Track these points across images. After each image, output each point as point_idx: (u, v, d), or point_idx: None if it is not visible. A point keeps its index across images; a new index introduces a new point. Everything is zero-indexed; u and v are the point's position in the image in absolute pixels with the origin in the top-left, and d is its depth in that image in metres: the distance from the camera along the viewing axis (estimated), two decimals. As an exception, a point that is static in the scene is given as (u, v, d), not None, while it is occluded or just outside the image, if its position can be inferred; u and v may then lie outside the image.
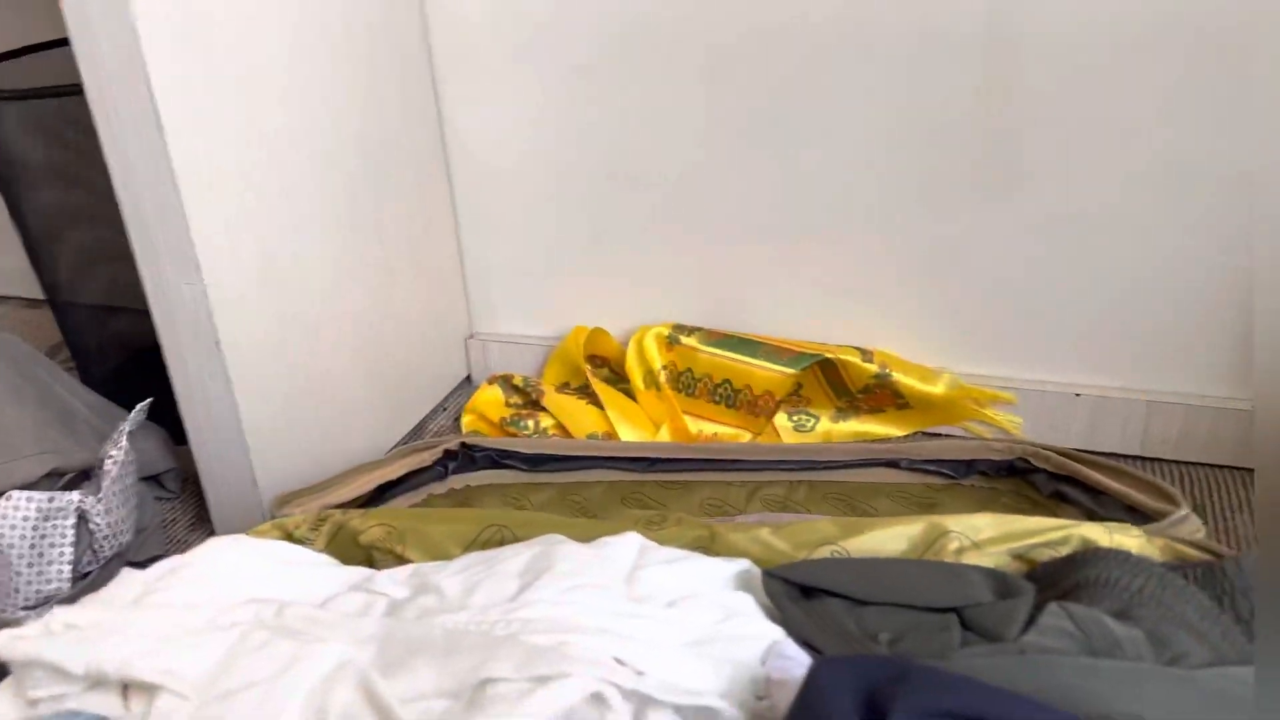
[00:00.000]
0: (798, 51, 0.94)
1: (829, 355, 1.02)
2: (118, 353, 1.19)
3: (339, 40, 0.93)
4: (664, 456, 0.99)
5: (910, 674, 0.38)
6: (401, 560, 0.61)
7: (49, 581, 0.81)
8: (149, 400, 0.89)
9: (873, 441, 1.01)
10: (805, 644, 0.46)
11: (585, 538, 0.60)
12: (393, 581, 0.51)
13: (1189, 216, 0.89)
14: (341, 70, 0.93)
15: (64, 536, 0.82)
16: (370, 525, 0.61)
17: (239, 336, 0.85)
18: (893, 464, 0.96)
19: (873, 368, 1.01)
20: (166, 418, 0.97)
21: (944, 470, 0.94)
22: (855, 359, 1.01)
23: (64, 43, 0.79)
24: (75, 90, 0.79)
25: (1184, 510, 0.63)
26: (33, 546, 0.80)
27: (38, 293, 1.21)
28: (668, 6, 0.96)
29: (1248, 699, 0.42)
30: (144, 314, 0.86)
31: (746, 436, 1.06)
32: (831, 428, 1.05)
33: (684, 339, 1.08)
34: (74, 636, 0.43)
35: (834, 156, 0.97)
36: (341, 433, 1.00)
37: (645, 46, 0.98)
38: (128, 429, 0.86)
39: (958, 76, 0.90)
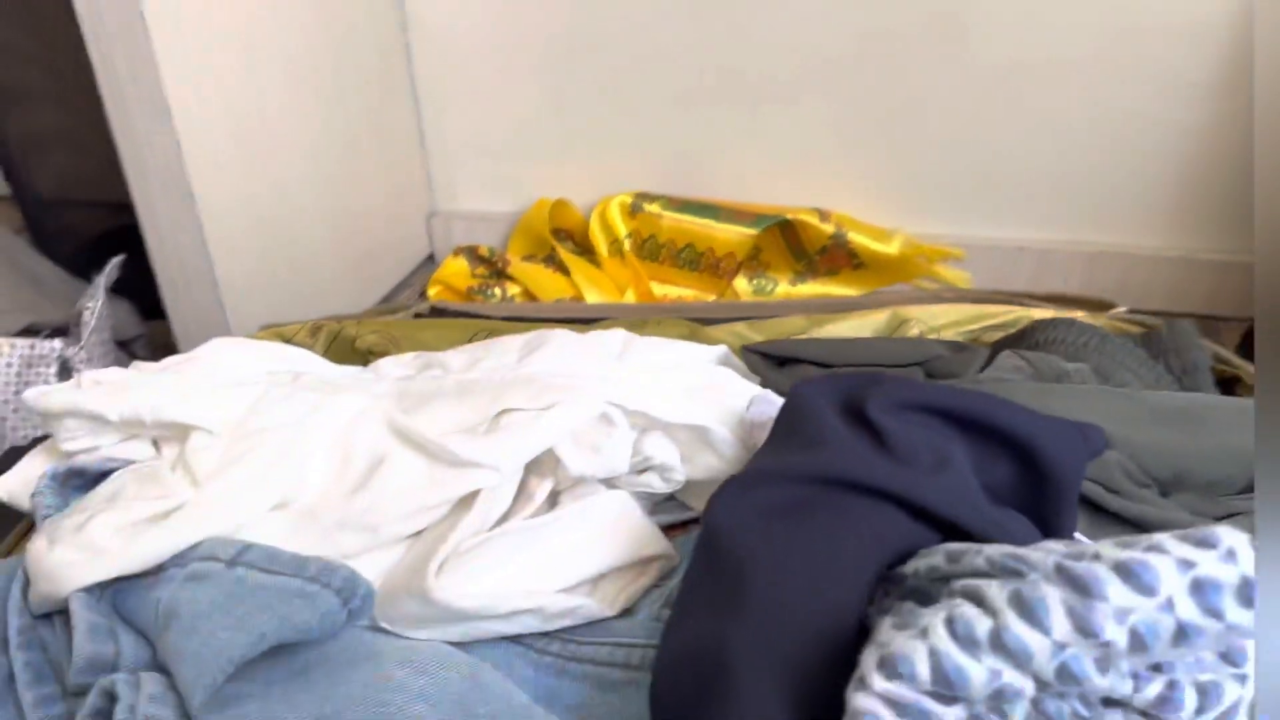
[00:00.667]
0: (756, -89, 0.96)
1: (788, 216, 1.06)
2: (79, 239, 1.18)
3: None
4: (629, 316, 1.02)
5: (884, 379, 0.42)
6: (395, 363, 0.63)
7: (35, 427, 0.83)
8: (121, 256, 0.89)
9: (832, 299, 1.05)
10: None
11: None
12: (398, 364, 0.54)
13: (1131, 69, 0.93)
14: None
15: (47, 384, 0.83)
16: (366, 332, 0.64)
17: (212, 189, 0.86)
18: (849, 315, 1.00)
19: (829, 228, 1.05)
20: (134, 295, 0.98)
21: (898, 319, 0.99)
22: (813, 220, 1.05)
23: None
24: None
25: (1123, 309, 0.68)
26: (16, 392, 0.81)
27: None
28: None
29: (1180, 411, 0.47)
30: (103, 204, 0.86)
31: (710, 298, 1.10)
32: (791, 290, 1.10)
33: (647, 206, 1.10)
34: (106, 389, 0.45)
35: (786, 16, 0.99)
36: (311, 294, 1.01)
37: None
38: (104, 282, 0.87)
39: (910, -67, 0.93)
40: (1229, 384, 0.56)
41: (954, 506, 0.37)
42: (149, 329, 1.04)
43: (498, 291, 1.10)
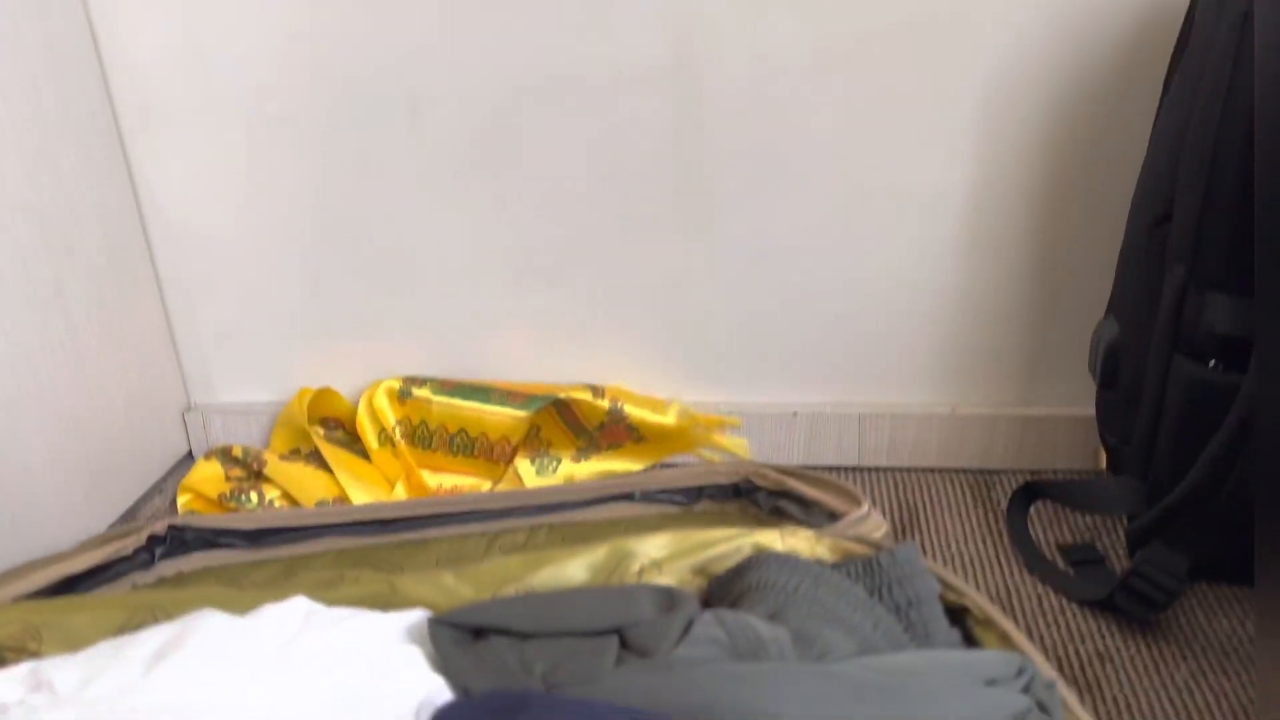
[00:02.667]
0: (497, 97, 0.94)
1: (561, 395, 1.01)
2: None
3: (-8, 98, 0.85)
4: (397, 516, 0.95)
5: (529, 703, 0.36)
6: (37, 658, 0.54)
7: None
8: None
9: (609, 479, 1.01)
10: (464, 689, 0.44)
11: (250, 609, 0.56)
12: (7, 681, 0.45)
13: (879, 235, 0.94)
14: (2, 131, 0.86)
15: None
16: (1, 623, 0.54)
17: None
18: (628, 497, 0.95)
19: (604, 404, 1.01)
20: None
21: (675, 499, 0.95)
22: (587, 397, 1.01)
23: None
24: None
25: (864, 509, 0.65)
26: None
27: None
28: (361, 54, 0.94)
29: (886, 685, 0.43)
30: None
31: (487, 485, 1.04)
32: (574, 468, 1.05)
33: (416, 391, 1.04)
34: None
35: (542, 197, 0.97)
36: (27, 523, 0.90)
37: (340, 90, 0.96)
38: None
39: (653, 113, 0.92)
40: (955, 614, 0.53)
41: None
42: None
43: (254, 495, 1.01)
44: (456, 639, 0.48)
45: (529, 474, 1.04)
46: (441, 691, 0.43)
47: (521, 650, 0.46)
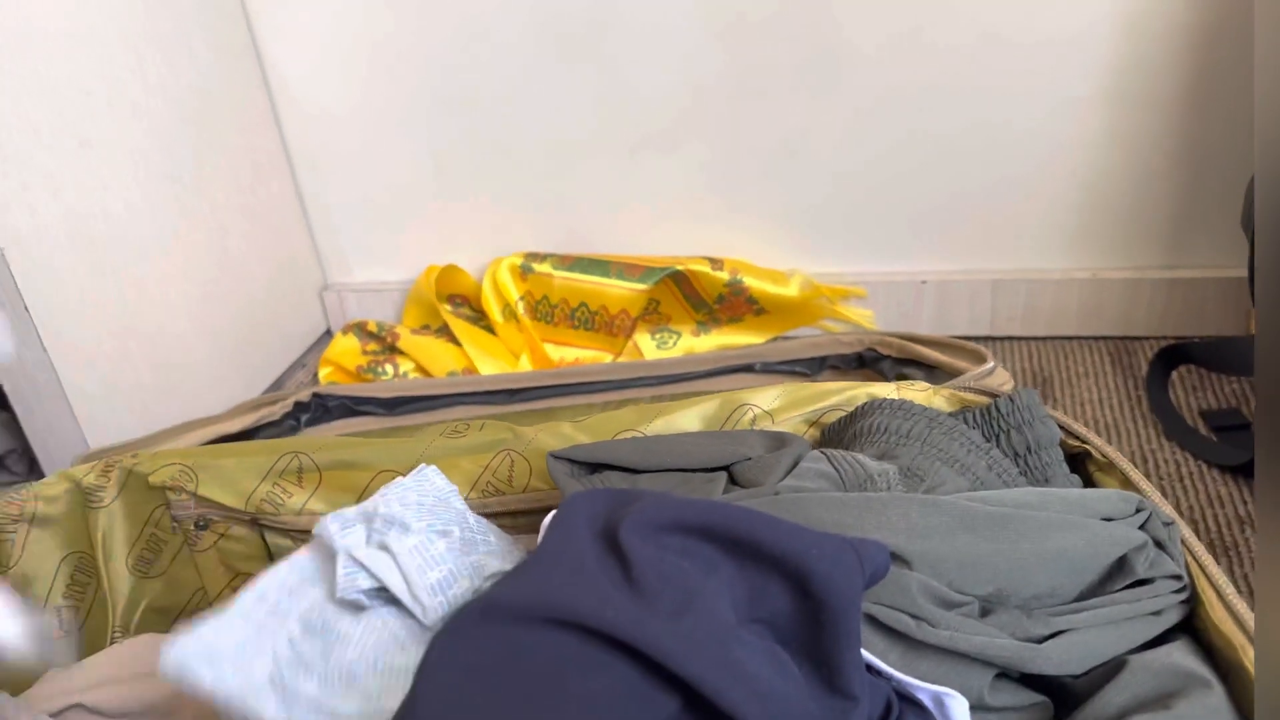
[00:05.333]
0: (610, -43, 0.92)
1: (679, 267, 1.01)
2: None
3: (127, -17, 0.88)
4: (525, 386, 0.97)
5: (643, 497, 0.37)
6: (197, 498, 0.59)
7: None
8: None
9: (729, 351, 1.01)
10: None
11: (386, 456, 0.59)
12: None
13: (1014, 87, 0.89)
14: (134, 12, 0.89)
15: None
16: (160, 466, 0.59)
17: (49, 299, 0.81)
18: (748, 368, 0.95)
19: (724, 275, 1.00)
20: (6, 405, 0.93)
21: (798, 369, 0.94)
22: (705, 268, 1.00)
23: None
24: None
25: (989, 365, 0.63)
26: None
27: None
28: (473, -78, 0.93)
29: (996, 515, 0.42)
30: None
31: (607, 358, 1.05)
32: (694, 342, 1.05)
33: (537, 266, 1.06)
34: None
35: (661, 62, 0.95)
36: (188, 396, 0.97)
37: (455, -35, 0.95)
38: (-55, 407, 0.82)
39: (770, -32, 0.89)
40: (1077, 459, 0.51)
41: (689, 659, 0.33)
42: (22, 442, 0.99)
43: (389, 368, 1.05)
44: (571, 471, 0.49)
45: (649, 348, 1.05)
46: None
47: (633, 482, 0.47)
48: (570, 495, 0.39)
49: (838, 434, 0.53)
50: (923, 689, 0.39)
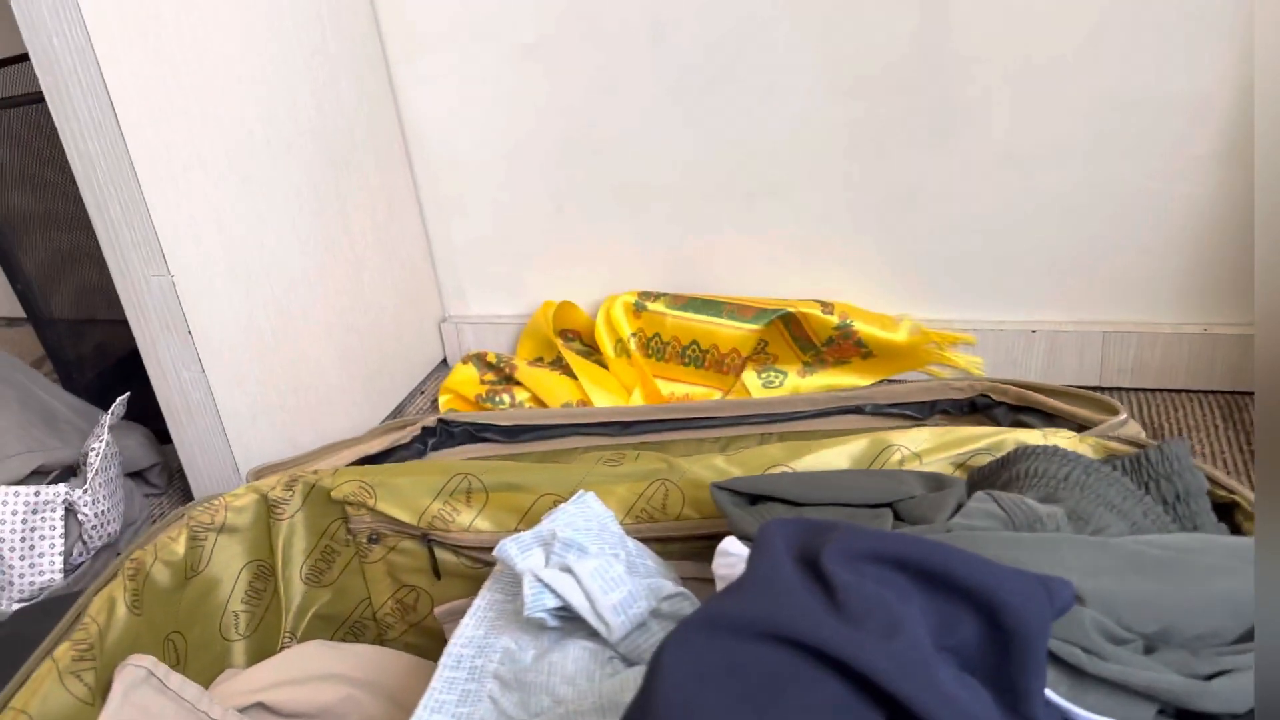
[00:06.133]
0: (736, 15, 0.96)
1: (790, 310, 1.04)
2: (98, 362, 1.21)
3: (289, 29, 0.95)
4: (638, 419, 1.01)
5: (842, 526, 0.40)
6: (374, 513, 0.63)
7: (41, 573, 0.83)
8: (127, 395, 0.91)
9: (839, 392, 1.03)
10: (747, 538, 0.49)
11: (548, 480, 0.63)
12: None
13: (1132, 144, 0.91)
14: (293, 59, 0.96)
15: (53, 529, 0.84)
16: (341, 482, 0.63)
17: (209, 324, 0.87)
18: (858, 410, 0.98)
19: (834, 319, 1.03)
20: (151, 419, 0.99)
21: (907, 412, 0.96)
22: (816, 311, 1.04)
23: (27, 56, 0.81)
24: (38, 98, 0.81)
25: (1123, 416, 0.65)
26: (23, 540, 0.82)
27: (18, 311, 1.23)
28: (609, -21, 0.99)
29: (1164, 559, 0.44)
30: (121, 323, 0.88)
31: (716, 395, 1.08)
32: (799, 383, 1.08)
33: (650, 305, 1.10)
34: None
35: (781, 110, 0.99)
36: (321, 418, 1.02)
37: (589, 17, 1.01)
38: (108, 422, 0.88)
39: (895, 19, 0.92)
40: (1225, 510, 0.53)
41: (903, 679, 0.35)
42: (167, 454, 1.05)
43: (506, 398, 1.10)
44: (735, 500, 0.52)
45: (755, 387, 1.08)
46: (729, 540, 0.48)
47: (796, 514, 0.50)
48: (767, 522, 0.42)
49: (988, 478, 0.55)
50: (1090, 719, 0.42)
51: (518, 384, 1.11)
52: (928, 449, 0.58)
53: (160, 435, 1.01)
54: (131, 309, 0.86)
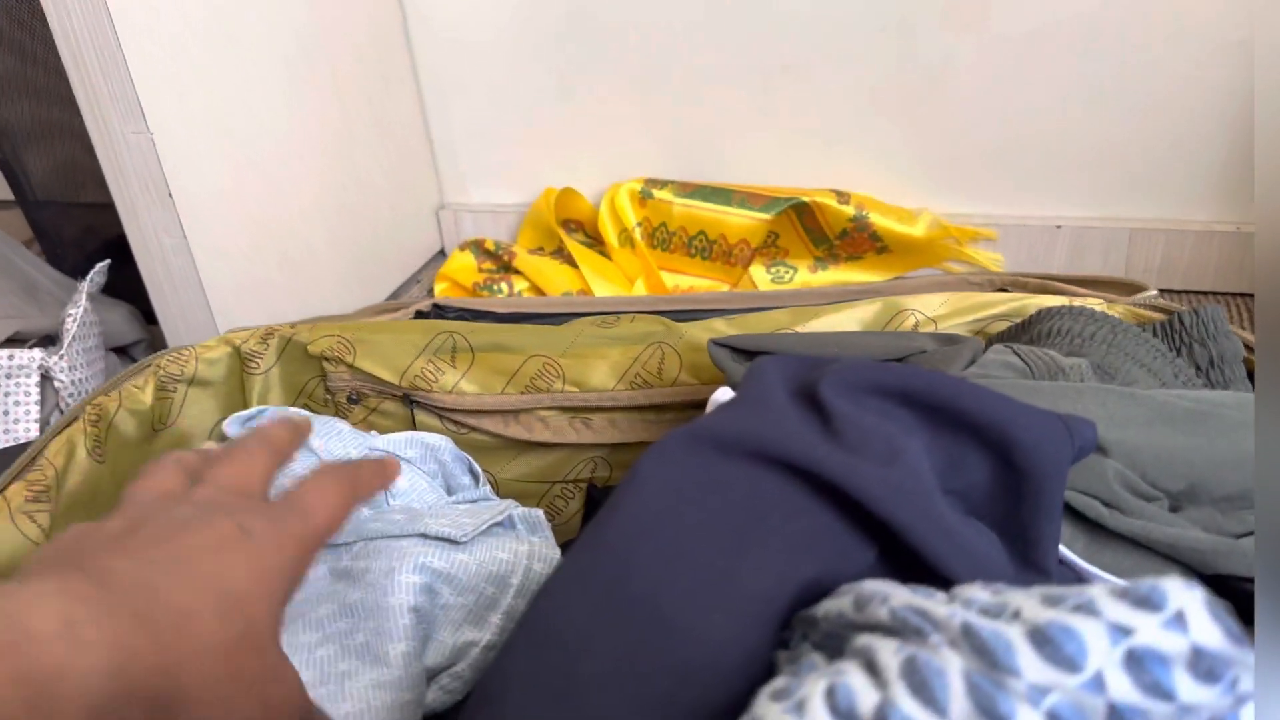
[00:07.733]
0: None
1: (804, 198, 1.00)
2: (87, 243, 1.17)
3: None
4: (640, 309, 0.97)
5: (840, 361, 0.37)
6: (353, 370, 0.60)
7: (16, 439, 0.81)
8: (107, 261, 0.87)
9: (851, 286, 0.99)
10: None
11: (538, 341, 0.59)
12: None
13: (1167, 28, 0.85)
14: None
15: (28, 395, 0.81)
16: (319, 336, 0.60)
17: (192, 188, 0.83)
18: (869, 303, 0.94)
19: (849, 210, 0.99)
20: (141, 301, 0.96)
21: (921, 306, 0.92)
22: (831, 201, 0.99)
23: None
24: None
25: (1153, 291, 0.61)
26: (-3, 403, 0.80)
27: (7, 194, 1.19)
28: None
29: (1196, 411, 0.40)
30: (109, 206, 0.84)
31: (723, 288, 1.04)
32: (810, 279, 1.04)
33: (657, 193, 1.05)
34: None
35: (800, -13, 0.93)
36: (310, 299, 0.98)
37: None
38: (86, 289, 0.85)
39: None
40: (1263, 376, 0.49)
41: (897, 506, 0.32)
42: (151, 334, 1.02)
43: (504, 286, 1.06)
44: (734, 357, 0.49)
45: (764, 281, 1.04)
46: (723, 390, 0.45)
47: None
48: (760, 360, 0.39)
49: (1010, 340, 0.51)
50: (1106, 581, 0.38)
51: (517, 273, 1.07)
52: (944, 314, 0.54)
53: (149, 317, 0.98)
54: (110, 170, 0.82)
